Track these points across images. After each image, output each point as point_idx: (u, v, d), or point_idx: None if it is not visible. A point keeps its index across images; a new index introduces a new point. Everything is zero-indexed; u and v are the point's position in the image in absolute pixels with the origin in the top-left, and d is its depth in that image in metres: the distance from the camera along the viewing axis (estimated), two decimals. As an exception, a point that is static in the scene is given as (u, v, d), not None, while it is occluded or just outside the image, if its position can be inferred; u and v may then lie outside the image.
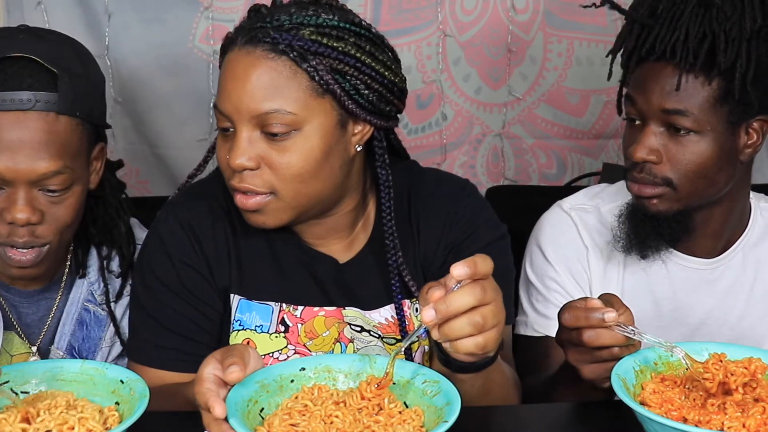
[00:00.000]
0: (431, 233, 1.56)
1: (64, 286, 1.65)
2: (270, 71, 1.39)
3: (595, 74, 2.48)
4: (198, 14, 2.34)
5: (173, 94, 2.38)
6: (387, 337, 1.55)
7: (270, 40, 1.39)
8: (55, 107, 1.45)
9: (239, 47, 1.42)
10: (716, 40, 1.51)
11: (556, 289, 1.70)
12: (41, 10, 2.30)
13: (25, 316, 1.63)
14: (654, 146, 1.56)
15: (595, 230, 1.72)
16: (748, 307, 1.71)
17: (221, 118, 1.44)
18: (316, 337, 1.53)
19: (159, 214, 1.55)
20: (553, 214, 1.76)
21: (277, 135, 1.40)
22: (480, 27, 2.43)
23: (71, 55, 1.52)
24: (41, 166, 1.45)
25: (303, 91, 1.40)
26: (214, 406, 1.11)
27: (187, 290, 1.50)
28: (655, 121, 1.56)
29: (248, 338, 1.51)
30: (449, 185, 1.61)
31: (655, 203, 1.59)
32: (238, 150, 1.40)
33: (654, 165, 1.57)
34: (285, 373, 1.26)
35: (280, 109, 1.39)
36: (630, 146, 1.59)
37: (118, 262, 1.69)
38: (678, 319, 1.70)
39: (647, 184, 1.58)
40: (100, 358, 1.66)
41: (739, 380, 1.23)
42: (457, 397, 1.17)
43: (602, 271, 1.70)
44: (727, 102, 1.53)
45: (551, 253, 1.71)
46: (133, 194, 2.30)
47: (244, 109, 1.40)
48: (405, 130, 2.46)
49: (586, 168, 2.55)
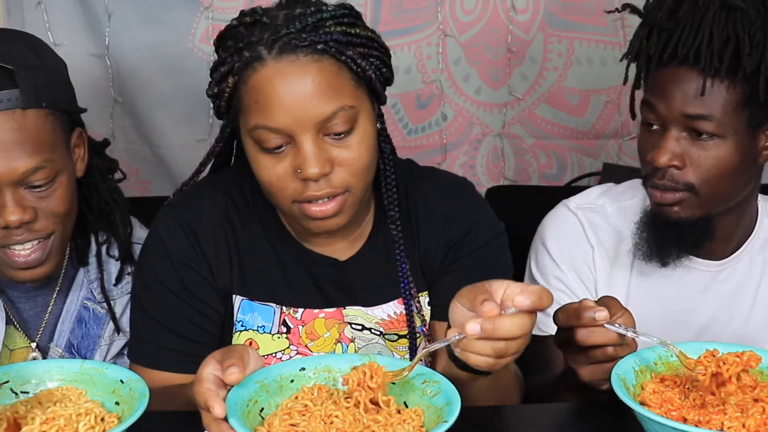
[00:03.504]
0: (430, 231, 1.56)
1: (62, 282, 1.65)
2: (320, 72, 1.36)
3: (595, 74, 2.48)
4: (198, 14, 2.35)
5: (173, 94, 2.38)
6: (389, 334, 1.55)
7: (308, 43, 1.36)
8: (19, 103, 1.44)
9: (275, 59, 1.36)
10: (740, 43, 1.49)
11: (561, 289, 1.69)
12: (41, 10, 2.30)
13: (23, 311, 1.63)
14: (677, 152, 1.54)
15: (601, 230, 1.71)
16: (754, 309, 1.70)
17: (272, 137, 1.37)
18: (317, 338, 1.53)
19: (158, 215, 1.55)
20: (559, 213, 1.75)
21: (341, 133, 1.38)
22: (480, 27, 2.43)
23: (22, 49, 1.51)
24: (20, 165, 1.44)
25: (349, 82, 1.39)
26: (214, 406, 1.11)
27: (188, 291, 1.50)
28: (676, 126, 1.54)
29: (251, 339, 1.51)
30: (447, 183, 1.61)
31: (677, 210, 1.57)
32: (313, 159, 1.36)
33: (676, 171, 1.55)
34: (285, 373, 1.26)
35: (341, 106, 1.37)
36: (649, 152, 1.57)
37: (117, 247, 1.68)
38: (684, 321, 1.69)
39: (669, 191, 1.56)
40: (99, 355, 1.66)
41: (731, 369, 1.22)
42: (457, 398, 1.17)
43: (608, 271, 1.69)
44: (749, 106, 1.52)
45: (557, 252, 1.71)
46: (133, 194, 2.30)
47: (308, 118, 1.35)
48: (405, 130, 2.46)
49: (586, 168, 2.56)
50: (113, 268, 1.69)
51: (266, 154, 1.39)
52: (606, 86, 2.50)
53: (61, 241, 1.55)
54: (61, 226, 1.52)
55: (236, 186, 1.55)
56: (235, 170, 1.59)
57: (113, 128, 2.40)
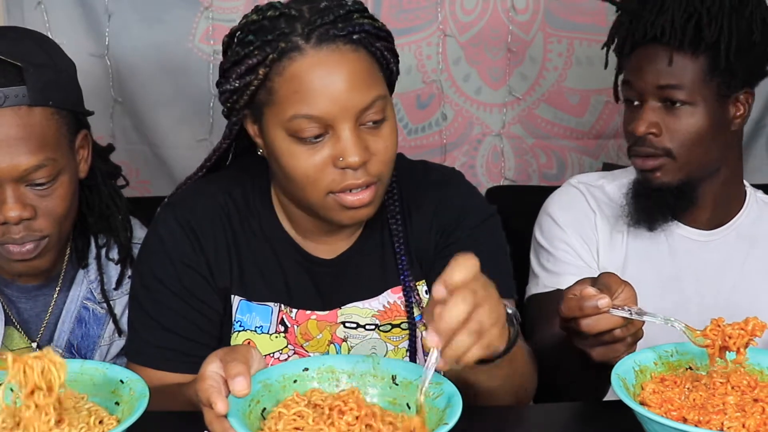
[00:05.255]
0: (422, 221, 1.57)
1: (62, 282, 1.65)
2: (359, 62, 1.38)
3: (595, 74, 2.48)
4: (198, 14, 2.35)
5: (173, 94, 2.38)
6: (383, 325, 1.55)
7: (345, 33, 1.38)
8: (26, 100, 1.44)
9: (314, 49, 1.36)
10: (700, 18, 1.65)
11: (565, 249, 1.80)
12: (41, 10, 2.30)
13: (23, 312, 1.63)
14: (653, 120, 1.69)
15: (602, 201, 1.84)
16: (740, 282, 1.79)
17: (312, 127, 1.37)
18: (311, 339, 1.54)
19: (158, 214, 1.55)
20: (563, 189, 1.88)
21: (376, 122, 1.40)
22: (480, 27, 2.43)
23: (33, 48, 1.51)
24: (22, 161, 1.45)
25: (378, 73, 1.42)
26: (217, 403, 1.11)
27: (187, 290, 1.50)
28: (652, 98, 1.69)
29: (249, 339, 1.51)
30: (436, 173, 1.63)
31: (659, 176, 1.72)
32: (354, 147, 1.37)
33: (654, 137, 1.70)
34: (288, 373, 1.25)
35: (379, 95, 1.39)
36: (630, 125, 1.72)
37: (117, 250, 1.68)
38: (674, 286, 1.78)
39: (649, 157, 1.71)
40: (99, 356, 1.66)
41: (738, 341, 1.26)
42: (459, 400, 1.16)
43: (608, 235, 1.81)
44: (715, 75, 1.67)
45: (561, 217, 1.82)
46: (133, 194, 2.30)
47: (350, 106, 1.36)
48: (405, 130, 2.46)
49: (586, 168, 2.56)
50: (113, 271, 1.69)
51: (302, 145, 1.39)
52: (606, 86, 2.47)
53: (57, 241, 1.55)
54: (57, 228, 1.53)
55: (237, 185, 1.55)
56: (235, 169, 1.59)
57: (113, 128, 2.40)
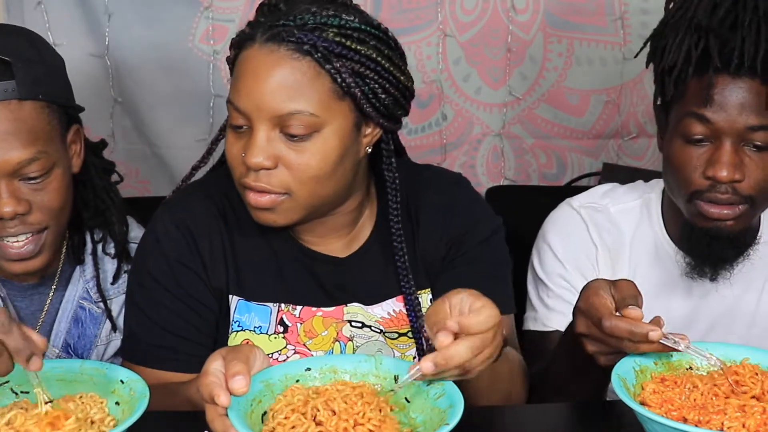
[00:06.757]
0: (431, 227, 1.57)
1: (59, 280, 1.65)
2: (294, 71, 1.37)
3: (595, 74, 2.48)
4: (198, 14, 2.35)
5: (173, 94, 2.38)
6: (389, 332, 1.55)
7: (295, 40, 1.37)
8: (16, 94, 1.45)
9: (260, 44, 1.38)
10: None
11: (566, 287, 1.69)
12: (41, 10, 2.30)
13: (19, 310, 1.63)
14: (738, 164, 1.49)
15: (604, 230, 1.71)
16: (758, 310, 1.70)
17: (236, 115, 1.41)
18: (316, 336, 1.53)
19: (155, 214, 1.55)
20: (563, 212, 1.75)
21: (296, 136, 1.38)
22: (480, 27, 2.43)
23: (22, 43, 1.52)
24: (14, 155, 1.45)
25: (325, 92, 1.39)
26: (220, 395, 1.10)
27: (182, 289, 1.50)
28: (733, 138, 1.49)
29: (247, 339, 1.51)
30: (444, 179, 1.63)
31: (732, 224, 1.54)
32: (256, 148, 1.38)
33: (738, 184, 1.51)
34: (290, 373, 1.25)
35: (302, 110, 1.37)
36: (698, 167, 1.52)
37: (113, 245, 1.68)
38: (687, 326, 1.66)
39: (729, 205, 1.52)
40: (96, 355, 1.66)
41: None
42: (461, 401, 1.16)
43: (610, 270, 1.69)
44: None
45: (561, 250, 1.71)
46: (133, 194, 2.31)
47: (265, 108, 1.37)
48: (405, 130, 2.46)
49: (586, 168, 2.56)
50: (110, 266, 1.69)
51: (231, 130, 1.44)
52: (606, 86, 2.50)
53: (55, 236, 1.55)
54: (55, 221, 1.53)
55: (234, 185, 1.55)
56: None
57: (113, 128, 2.40)
